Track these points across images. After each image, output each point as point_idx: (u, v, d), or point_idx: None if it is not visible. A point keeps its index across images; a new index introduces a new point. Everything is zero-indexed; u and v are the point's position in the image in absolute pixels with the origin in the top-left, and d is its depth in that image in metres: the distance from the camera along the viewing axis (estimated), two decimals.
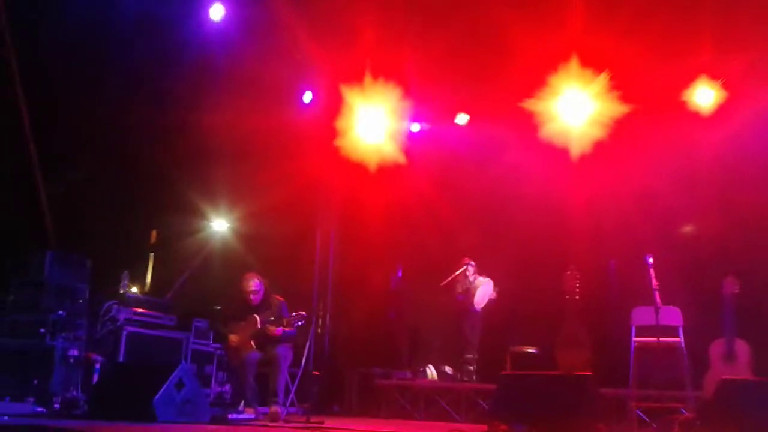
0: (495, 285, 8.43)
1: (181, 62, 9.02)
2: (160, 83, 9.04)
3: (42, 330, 6.97)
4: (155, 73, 8.93)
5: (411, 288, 9.21)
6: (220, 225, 11.38)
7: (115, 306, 7.71)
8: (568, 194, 8.35)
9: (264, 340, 6.66)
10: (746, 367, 6.16)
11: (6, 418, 4.93)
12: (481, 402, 7.60)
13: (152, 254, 11.57)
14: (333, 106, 9.44)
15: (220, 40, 8.76)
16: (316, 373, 6.68)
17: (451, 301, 8.51)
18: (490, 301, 8.40)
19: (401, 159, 9.26)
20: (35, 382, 6.85)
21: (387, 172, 9.18)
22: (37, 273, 7.31)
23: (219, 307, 8.89)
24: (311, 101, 9.87)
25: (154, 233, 11.72)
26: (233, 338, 6.76)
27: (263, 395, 6.61)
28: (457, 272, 8.46)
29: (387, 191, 9.26)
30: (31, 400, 6.58)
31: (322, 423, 5.85)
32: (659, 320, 6.23)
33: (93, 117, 9.02)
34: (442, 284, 8.43)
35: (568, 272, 7.11)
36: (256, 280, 6.89)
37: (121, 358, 7.53)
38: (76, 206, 9.23)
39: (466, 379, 8.18)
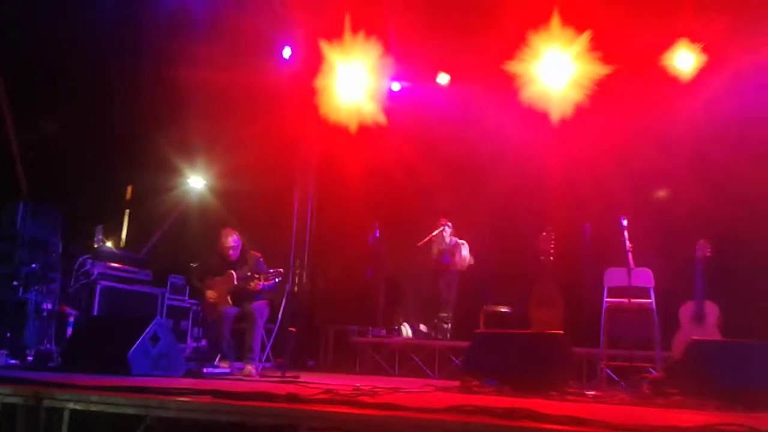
0: (470, 249, 8.50)
1: (157, 13, 8.81)
2: (136, 35, 8.84)
3: (15, 283, 6.91)
4: (131, 24, 8.73)
5: (388, 247, 9.24)
6: (196, 182, 11.28)
7: (89, 260, 7.65)
8: (547, 156, 8.38)
9: (240, 296, 6.65)
10: (715, 329, 6.29)
11: None
12: (455, 359, 7.72)
13: (127, 210, 11.46)
14: (312, 63, 9.31)
15: None
16: (292, 329, 6.70)
17: (428, 261, 8.57)
18: (468, 264, 8.48)
19: (381, 118, 9.19)
20: (8, 335, 6.81)
21: (366, 130, 9.12)
22: (9, 226, 7.22)
23: (195, 264, 8.86)
24: (290, 57, 9.72)
25: (129, 189, 11.59)
26: (210, 294, 6.74)
27: (239, 350, 6.64)
28: (434, 233, 8.51)
29: (366, 150, 9.21)
30: (4, 352, 6.55)
31: (297, 377, 5.90)
32: (631, 281, 6.33)
33: (68, 68, 8.82)
34: (419, 244, 8.49)
35: (544, 233, 7.19)
36: (235, 236, 6.87)
37: (95, 313, 7.50)
38: (50, 158, 9.08)
39: (440, 337, 8.29)
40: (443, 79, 9.46)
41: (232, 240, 6.82)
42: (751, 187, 7.55)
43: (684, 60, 8.16)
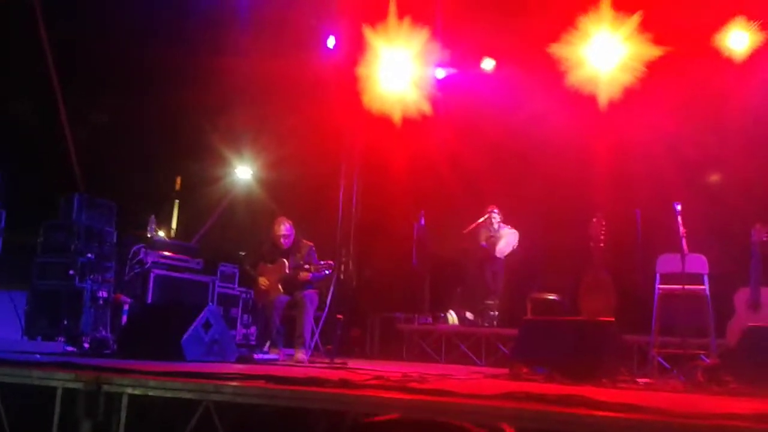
0: (519, 236, 8.43)
1: (204, 3, 8.92)
2: (183, 25, 8.96)
3: (71, 272, 7.10)
4: (178, 15, 8.85)
5: (434, 234, 9.22)
6: (243, 172, 11.43)
7: (143, 249, 7.82)
8: (596, 141, 8.23)
9: (291, 284, 6.76)
10: None
11: (38, 356, 5.06)
12: (502, 347, 7.68)
13: (177, 200, 11.68)
14: (357, 51, 9.31)
15: None
16: (340, 317, 6.75)
17: (474, 248, 8.53)
18: (513, 252, 8.41)
19: (426, 106, 9.15)
20: (65, 322, 7.02)
21: (411, 118, 9.10)
22: (65, 216, 7.42)
23: (243, 253, 8.99)
24: (335, 46, 9.74)
25: (178, 179, 11.81)
26: (262, 281, 6.87)
27: (289, 337, 6.73)
28: (481, 219, 8.47)
29: (411, 138, 9.19)
30: (62, 339, 6.76)
31: (345, 364, 5.95)
32: (685, 268, 6.19)
33: (117, 61, 9.00)
34: (465, 231, 8.45)
35: (594, 219, 7.07)
36: (288, 224, 6.97)
37: (149, 300, 7.68)
38: (103, 151, 9.30)
39: (486, 324, 8.25)
40: (488, 64, 9.37)
41: (285, 228, 6.92)
42: None
43: (738, 39, 7.93)
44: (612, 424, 2.73)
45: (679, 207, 6.35)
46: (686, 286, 6.25)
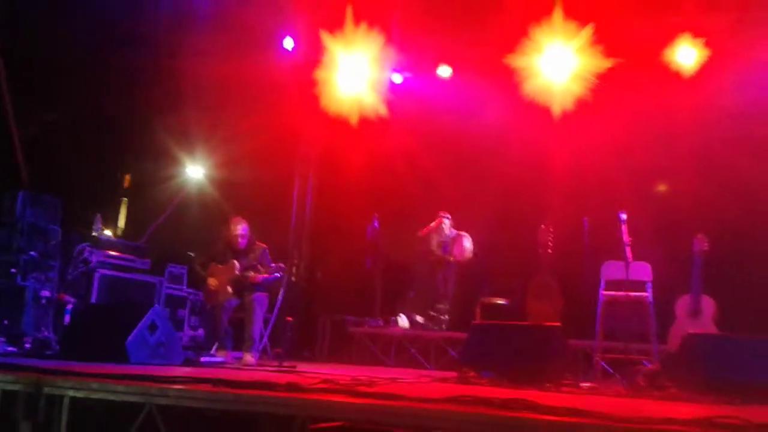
0: (473, 242, 8.52)
1: (158, 3, 8.79)
2: (136, 25, 8.83)
3: (13, 270, 6.92)
4: (132, 14, 8.71)
5: (387, 238, 9.25)
6: (195, 171, 11.28)
7: (88, 248, 7.66)
8: (548, 149, 8.38)
9: (241, 286, 6.69)
10: (711, 323, 6.32)
11: None
12: (451, 351, 7.74)
13: (125, 198, 11.47)
14: (314, 54, 9.29)
15: None
16: (290, 319, 6.72)
17: (426, 253, 8.59)
18: (467, 256, 8.50)
19: (382, 109, 9.18)
20: (6, 322, 6.83)
21: (368, 121, 9.12)
22: (9, 213, 7.23)
23: (193, 254, 8.87)
24: (292, 48, 9.70)
25: (127, 177, 11.60)
26: (211, 281, 6.77)
27: (237, 340, 6.67)
28: (433, 224, 8.53)
29: (367, 141, 9.21)
30: (2, 339, 6.58)
31: (295, 367, 5.92)
32: (629, 275, 6.34)
33: (67, 58, 8.81)
34: (418, 235, 8.51)
35: (543, 226, 7.21)
36: (244, 225, 6.91)
37: (93, 300, 7.51)
38: (49, 147, 9.08)
39: (436, 328, 8.31)
40: (445, 71, 9.45)
41: (241, 228, 6.86)
42: (751, 183, 7.57)
43: (686, 55, 8.15)
44: (556, 428, 2.79)
45: (624, 216, 6.50)
46: (630, 293, 6.41)
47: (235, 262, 6.73)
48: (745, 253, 7.37)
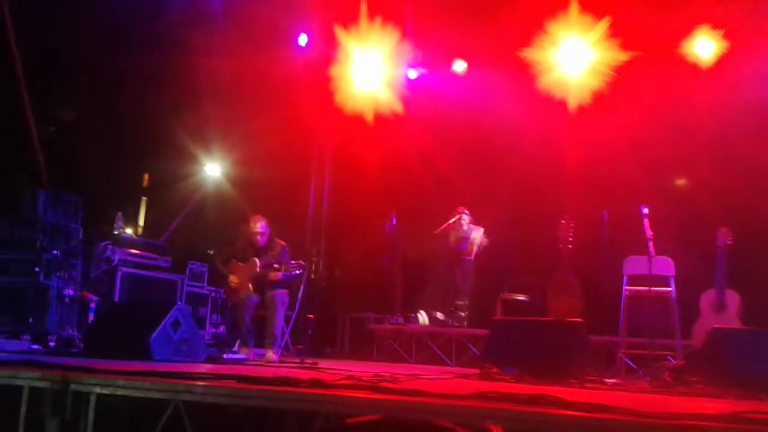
0: (486, 233, 8.49)
1: (174, 3, 8.83)
2: (153, 24, 8.86)
3: (37, 269, 6.98)
4: (148, 13, 8.75)
5: (405, 235, 9.25)
6: (213, 170, 11.34)
7: (110, 246, 7.72)
8: (565, 144, 8.33)
9: (262, 284, 6.73)
10: (736, 317, 6.25)
11: (3, 354, 4.96)
12: (472, 347, 7.72)
13: (145, 197, 11.55)
14: (328, 51, 9.30)
15: None
16: (311, 316, 6.74)
17: (444, 249, 8.58)
18: (483, 247, 8.47)
19: (397, 106, 9.17)
20: (31, 320, 6.89)
21: (383, 118, 9.11)
22: (30, 212, 7.28)
23: (212, 251, 8.92)
24: (306, 44, 9.71)
25: (146, 176, 11.69)
26: (233, 279, 6.82)
27: (259, 337, 6.70)
28: (451, 220, 8.51)
29: (383, 138, 9.21)
30: (27, 337, 6.64)
31: (316, 364, 5.93)
32: (651, 270, 6.30)
33: (86, 57, 8.88)
34: (436, 232, 8.50)
35: (563, 221, 7.16)
36: (263, 222, 6.94)
37: (116, 298, 7.57)
38: (69, 146, 9.16)
39: (457, 324, 8.30)
40: (460, 66, 9.42)
41: (260, 226, 6.89)
42: None
43: (704, 47, 8.09)
44: (582, 423, 2.77)
45: (646, 210, 6.46)
46: (653, 288, 6.36)
47: (256, 259, 6.77)
48: None
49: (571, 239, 7.14)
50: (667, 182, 8.38)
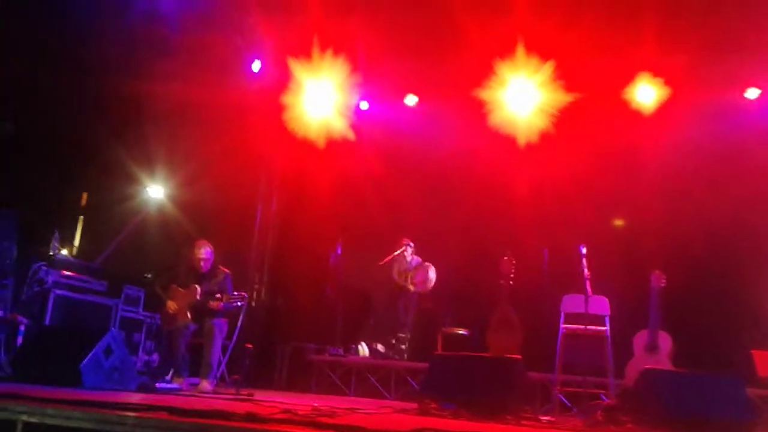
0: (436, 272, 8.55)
1: (123, 25, 8.72)
2: (100, 46, 8.73)
3: None
4: (96, 35, 8.62)
5: (350, 265, 9.23)
6: (156, 191, 11.13)
7: (44, 267, 7.47)
8: (512, 181, 8.50)
9: (201, 311, 6.58)
10: (667, 359, 6.41)
11: None
12: (411, 380, 7.71)
13: (82, 217, 11.24)
14: (281, 78, 9.30)
15: (164, 4, 8.52)
16: (249, 346, 6.62)
17: (388, 281, 8.59)
18: (429, 283, 8.52)
19: (349, 134, 9.22)
20: None
21: (334, 146, 9.14)
22: None
23: (149, 275, 8.73)
24: (260, 70, 9.69)
25: (85, 195, 11.39)
26: (171, 305, 6.65)
27: (194, 366, 6.54)
28: (396, 252, 8.54)
29: (332, 166, 9.22)
30: None
31: (252, 395, 5.83)
32: (588, 309, 6.42)
33: (28, 75, 8.66)
34: (381, 263, 8.51)
35: (505, 257, 7.25)
36: (208, 248, 6.80)
37: (47, 322, 7.31)
38: (6, 161, 8.88)
39: (397, 357, 8.29)
40: (411, 100, 9.54)
41: (205, 252, 6.76)
42: (710, 220, 7.77)
43: (646, 93, 8.39)
44: None
45: (584, 250, 6.60)
46: (588, 327, 6.48)
47: (197, 286, 6.63)
48: (702, 289, 7.53)
49: (512, 275, 7.24)
50: (607, 222, 8.60)
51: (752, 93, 8.37)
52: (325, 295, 9.17)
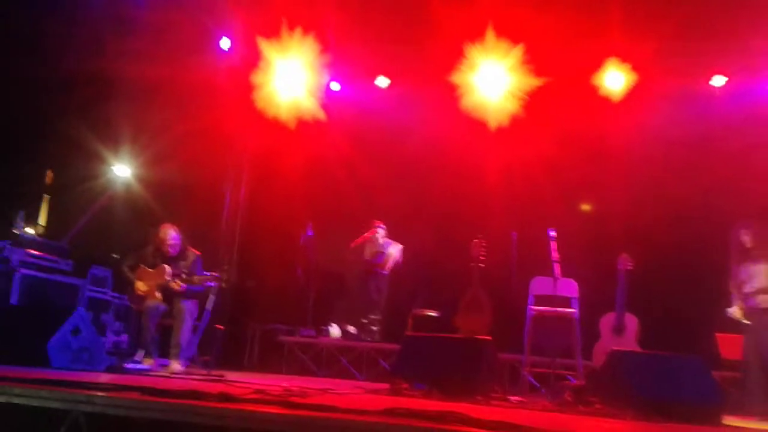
0: (404, 252, 8.57)
1: (87, 4, 8.55)
2: (65, 23, 8.54)
3: None
4: (60, 12, 8.43)
5: (321, 246, 9.21)
6: (122, 171, 10.96)
7: (8, 246, 7.32)
8: (483, 164, 8.55)
9: (171, 292, 6.52)
10: (634, 340, 6.54)
11: None
12: (382, 361, 7.76)
13: (47, 195, 11.05)
14: (250, 57, 9.20)
15: None
16: (220, 327, 6.59)
17: (359, 262, 8.60)
18: (397, 264, 8.54)
19: (320, 115, 9.16)
20: None
21: (305, 126, 9.09)
22: None
23: (117, 255, 8.61)
24: (229, 49, 9.57)
25: (49, 173, 11.18)
26: (140, 285, 6.58)
27: (164, 347, 6.49)
28: (367, 234, 8.55)
29: (303, 147, 9.18)
30: None
31: (222, 376, 5.81)
32: (556, 291, 6.52)
33: None
34: (352, 245, 8.51)
35: (476, 240, 7.30)
36: (174, 233, 6.70)
37: (13, 302, 7.18)
38: None
39: (368, 339, 8.32)
40: (383, 82, 9.50)
41: (171, 237, 6.67)
42: (674, 204, 7.91)
43: (614, 79, 8.48)
44: None
45: (553, 233, 6.69)
46: (557, 309, 6.57)
47: (166, 267, 6.56)
48: (668, 271, 7.68)
49: (483, 258, 7.30)
50: (576, 206, 8.71)
51: (718, 80, 8.50)
52: (296, 276, 9.14)
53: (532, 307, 6.79)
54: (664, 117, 8.13)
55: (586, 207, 8.84)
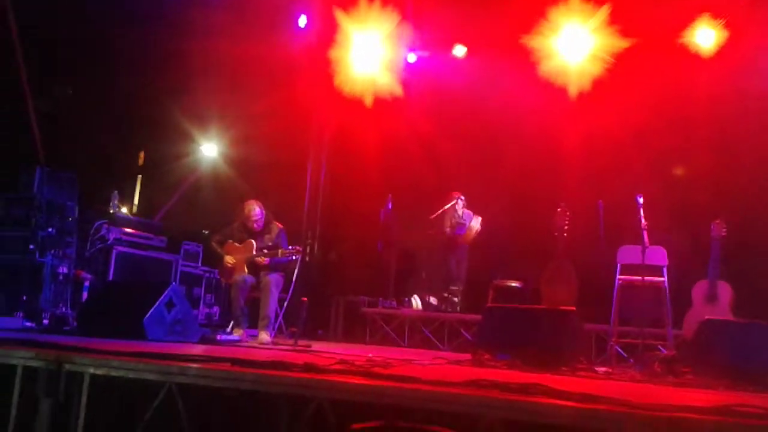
0: (485, 223, 8.50)
1: None
2: (151, 3, 8.80)
3: (32, 246, 6.97)
4: None
5: (401, 219, 9.24)
6: (210, 150, 11.30)
7: (105, 225, 7.70)
8: (564, 131, 8.32)
9: (257, 266, 6.74)
10: (727, 309, 6.27)
11: None
12: (464, 332, 7.76)
13: (140, 176, 11.52)
14: (328, 33, 9.25)
15: None
16: (305, 299, 6.73)
17: (439, 234, 8.58)
18: (477, 237, 8.49)
19: (396, 89, 9.14)
20: (24, 297, 6.89)
21: (382, 102, 9.09)
22: (26, 189, 7.27)
23: (207, 231, 8.91)
24: (306, 26, 9.65)
25: (141, 154, 11.64)
26: (228, 260, 6.84)
27: (253, 318, 6.71)
28: (447, 206, 8.51)
29: (381, 122, 9.18)
30: (21, 315, 6.64)
31: (309, 346, 5.96)
32: (645, 259, 6.29)
33: (83, 36, 8.81)
34: (431, 217, 8.50)
35: (559, 209, 7.14)
36: (258, 208, 6.90)
37: (110, 278, 7.57)
38: (65, 123, 9.11)
39: (449, 310, 8.33)
40: (460, 51, 9.37)
41: (255, 213, 6.87)
42: None
43: (705, 36, 8.07)
44: (573, 413, 2.79)
45: (641, 199, 6.45)
46: (646, 278, 6.36)
47: (253, 241, 6.79)
48: (763, 238, 7.31)
49: (566, 227, 7.13)
50: (664, 171, 8.36)
51: None
52: (377, 249, 9.22)
53: (620, 276, 6.60)
54: (759, 75, 7.67)
55: (676, 171, 8.49)
